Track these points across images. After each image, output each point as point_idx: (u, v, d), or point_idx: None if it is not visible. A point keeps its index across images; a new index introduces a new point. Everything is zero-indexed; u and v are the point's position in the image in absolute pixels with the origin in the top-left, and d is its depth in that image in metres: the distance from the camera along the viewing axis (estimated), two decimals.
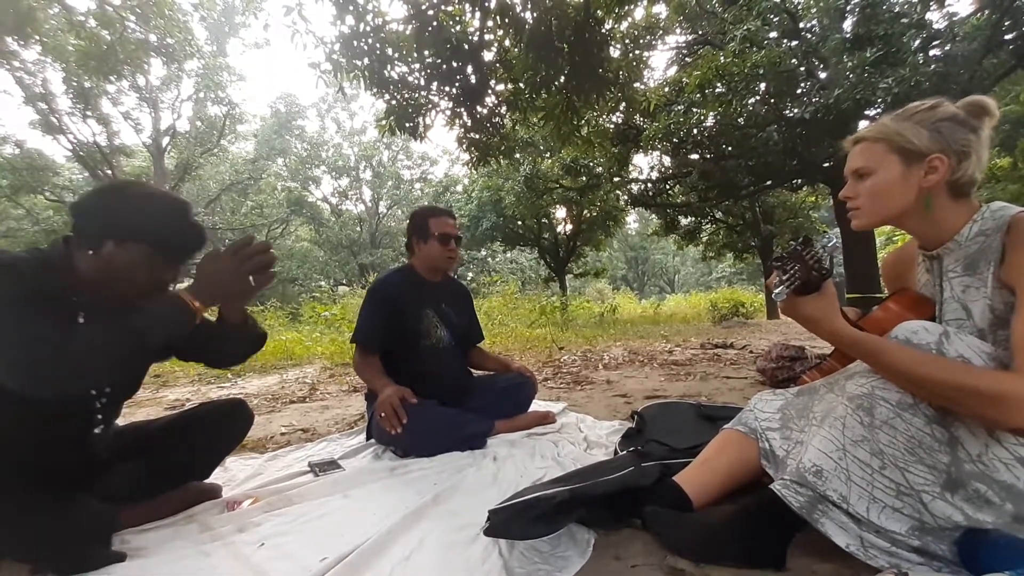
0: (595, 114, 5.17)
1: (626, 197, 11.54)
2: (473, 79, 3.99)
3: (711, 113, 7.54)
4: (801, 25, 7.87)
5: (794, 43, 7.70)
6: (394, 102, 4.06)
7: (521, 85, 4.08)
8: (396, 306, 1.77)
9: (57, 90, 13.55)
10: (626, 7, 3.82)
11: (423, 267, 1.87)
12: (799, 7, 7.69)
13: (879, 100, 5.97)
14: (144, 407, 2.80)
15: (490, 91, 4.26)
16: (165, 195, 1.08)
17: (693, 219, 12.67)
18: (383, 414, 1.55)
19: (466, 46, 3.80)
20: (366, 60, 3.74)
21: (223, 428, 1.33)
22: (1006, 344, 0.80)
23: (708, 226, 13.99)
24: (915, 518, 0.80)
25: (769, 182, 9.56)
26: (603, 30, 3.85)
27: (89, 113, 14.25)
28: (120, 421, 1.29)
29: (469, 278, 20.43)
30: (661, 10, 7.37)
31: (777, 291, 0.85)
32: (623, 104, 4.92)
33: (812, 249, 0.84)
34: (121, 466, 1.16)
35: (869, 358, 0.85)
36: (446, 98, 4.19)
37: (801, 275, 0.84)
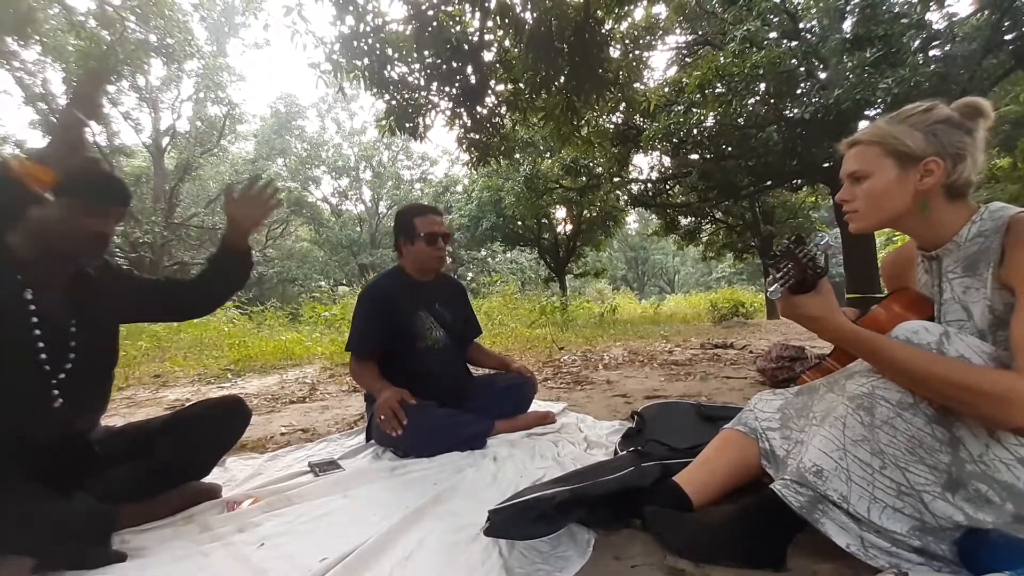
0: (595, 114, 5.17)
1: (626, 197, 11.55)
2: (473, 79, 3.99)
3: (711, 113, 7.54)
4: (801, 25, 7.88)
5: (794, 43, 7.71)
6: (394, 102, 4.06)
7: (521, 85, 4.08)
8: (389, 310, 1.75)
9: (57, 90, 13.57)
10: (626, 7, 3.81)
11: (413, 268, 1.84)
12: (799, 7, 7.70)
13: (879, 100, 5.97)
14: (144, 407, 2.80)
15: (490, 91, 4.25)
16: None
17: (693, 219, 12.67)
18: (383, 417, 1.54)
19: (466, 46, 3.79)
20: (366, 60, 3.73)
21: (221, 426, 1.32)
22: (1006, 345, 0.80)
23: (708, 226, 13.98)
24: (916, 518, 0.80)
25: (769, 182, 9.57)
26: (603, 30, 3.84)
27: None
28: (120, 422, 1.29)
29: (469, 278, 20.43)
30: (661, 10, 7.37)
31: (771, 289, 0.85)
32: (623, 104, 4.92)
33: (805, 247, 0.85)
34: (119, 465, 1.16)
35: (871, 355, 0.85)
36: (446, 98, 4.19)
37: (795, 273, 0.84)
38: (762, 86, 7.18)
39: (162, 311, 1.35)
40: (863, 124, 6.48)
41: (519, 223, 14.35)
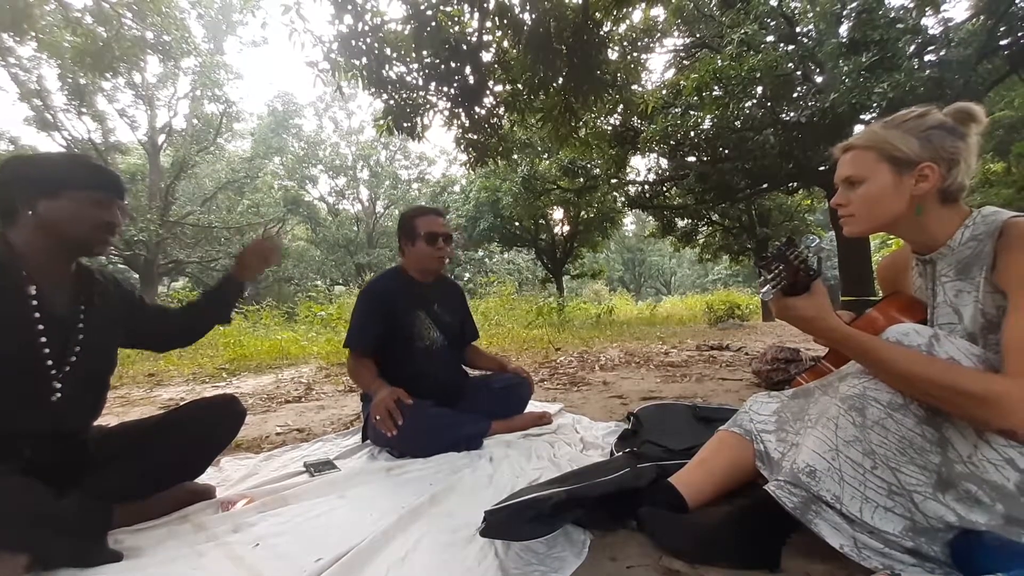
0: (593, 116, 5.18)
1: (623, 199, 11.57)
2: (471, 80, 3.99)
3: (708, 116, 7.57)
4: (798, 29, 7.92)
5: (791, 47, 7.74)
6: (392, 102, 4.05)
7: (519, 86, 4.08)
8: (387, 309, 1.76)
9: (52, 87, 13.46)
10: (624, 9, 3.82)
11: (414, 268, 1.86)
12: (796, 11, 7.74)
13: (874, 105, 6.01)
14: (138, 406, 2.79)
15: (488, 92, 4.25)
16: (57, 154, 1.14)
17: (690, 221, 12.70)
18: (378, 417, 1.54)
19: (464, 47, 3.79)
20: (364, 59, 3.72)
21: (215, 425, 1.32)
22: (996, 348, 0.81)
23: (704, 228, 14.02)
24: (907, 518, 0.80)
25: (765, 185, 9.61)
26: (601, 32, 3.85)
27: (84, 110, 14.15)
28: (113, 421, 1.28)
29: (466, 278, 20.42)
30: (659, 13, 7.39)
31: (763, 291, 0.85)
32: (621, 106, 4.93)
33: (796, 249, 0.85)
34: (113, 465, 1.15)
35: (862, 356, 0.86)
36: (444, 98, 4.18)
37: (787, 276, 0.84)
38: (759, 89, 7.21)
39: (150, 337, 1.33)
40: (858, 128, 6.53)
41: (516, 224, 14.36)
